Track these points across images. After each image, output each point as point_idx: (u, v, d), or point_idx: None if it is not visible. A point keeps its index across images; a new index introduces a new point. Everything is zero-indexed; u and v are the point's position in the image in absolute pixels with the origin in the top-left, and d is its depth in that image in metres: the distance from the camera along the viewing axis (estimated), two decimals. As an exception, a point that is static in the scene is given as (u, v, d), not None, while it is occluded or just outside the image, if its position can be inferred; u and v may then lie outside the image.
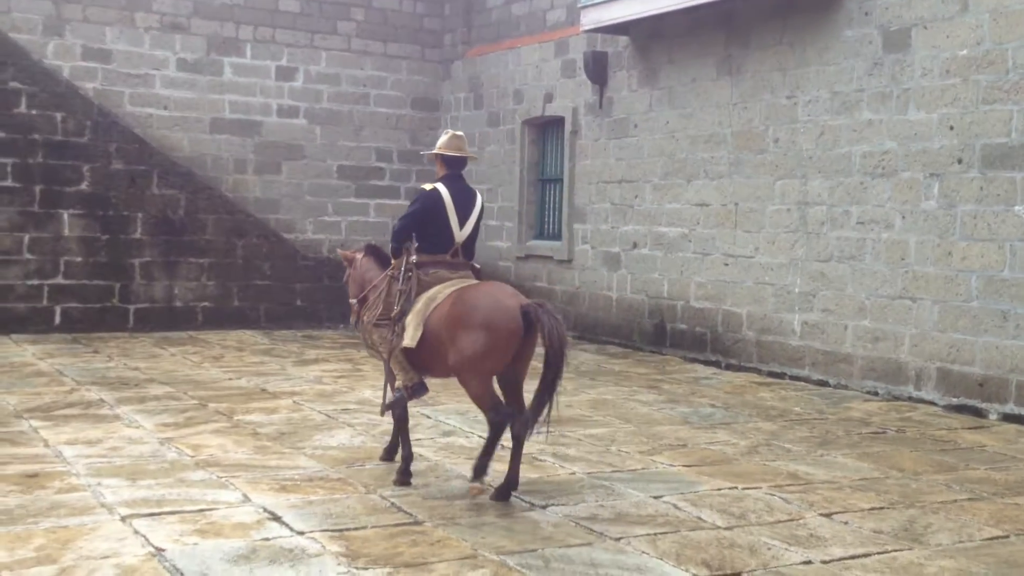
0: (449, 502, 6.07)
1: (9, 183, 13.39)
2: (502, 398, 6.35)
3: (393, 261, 6.66)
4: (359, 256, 7.15)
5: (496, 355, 6.11)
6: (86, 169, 13.76)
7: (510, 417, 6.20)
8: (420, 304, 6.34)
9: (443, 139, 6.78)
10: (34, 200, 13.50)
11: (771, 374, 11.43)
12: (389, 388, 6.63)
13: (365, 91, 16.81)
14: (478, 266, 6.90)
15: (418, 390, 6.55)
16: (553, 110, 14.92)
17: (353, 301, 7.06)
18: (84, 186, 13.77)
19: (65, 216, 13.67)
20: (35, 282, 13.33)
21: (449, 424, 8.35)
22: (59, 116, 13.72)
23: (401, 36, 17.10)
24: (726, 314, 12.14)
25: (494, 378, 6.34)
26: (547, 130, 15.45)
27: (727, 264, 12.14)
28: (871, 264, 10.46)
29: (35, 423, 7.86)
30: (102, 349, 11.99)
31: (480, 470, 6.28)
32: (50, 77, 13.81)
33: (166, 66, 15.34)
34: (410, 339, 6.27)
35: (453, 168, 6.70)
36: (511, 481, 6.20)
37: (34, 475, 6.35)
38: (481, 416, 7.22)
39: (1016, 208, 9.20)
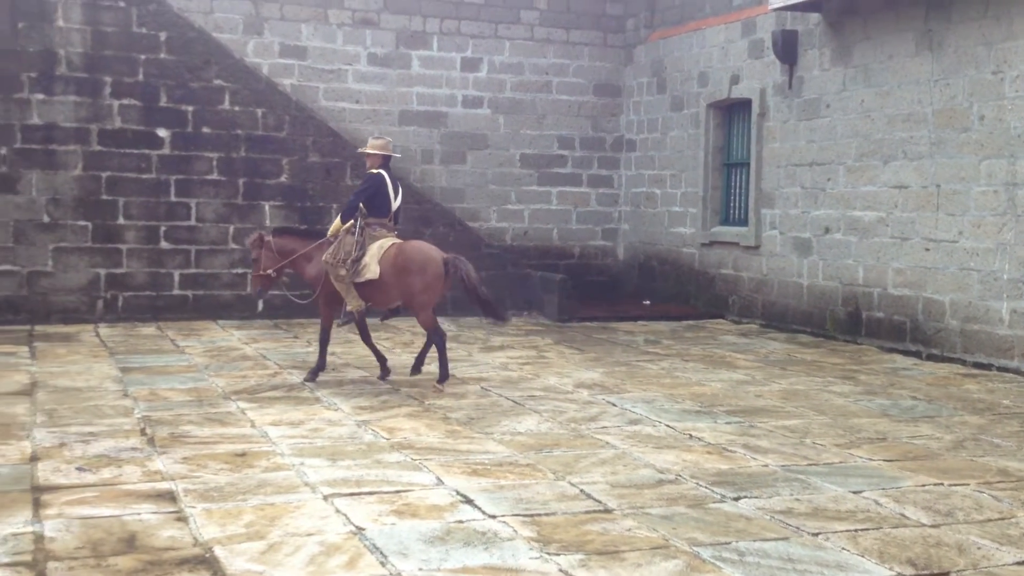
0: (638, 491, 6.03)
1: (215, 176, 14.15)
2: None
3: (341, 225, 9.14)
4: (270, 239, 9.48)
5: (432, 291, 8.98)
6: (285, 162, 14.39)
7: (444, 335, 9.17)
8: (373, 250, 9.05)
9: (379, 142, 9.41)
10: (238, 192, 14.23)
11: (977, 365, 10.80)
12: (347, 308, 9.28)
13: (547, 79, 16.88)
14: (399, 228, 9.57)
15: (351, 318, 9.32)
16: (739, 92, 14.56)
17: (271, 272, 9.46)
18: (283, 178, 14.41)
19: (266, 207, 14.34)
20: (240, 271, 14.06)
21: (636, 413, 8.29)
22: (260, 112, 14.39)
23: (583, 23, 17.06)
24: (927, 302, 11.55)
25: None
26: (733, 113, 15.10)
27: (928, 249, 11.54)
28: (1091, 248, 9.72)
29: (242, 404, 8.29)
30: (301, 335, 12.53)
31: (443, 376, 9.04)
32: (251, 74, 14.50)
33: (358, 61, 15.85)
34: (373, 273, 8.97)
35: (384, 162, 9.33)
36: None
37: (242, 454, 6.69)
38: (666, 405, 8.72)
39: None
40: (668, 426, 7.80)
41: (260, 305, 13.33)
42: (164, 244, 13.81)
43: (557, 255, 16.99)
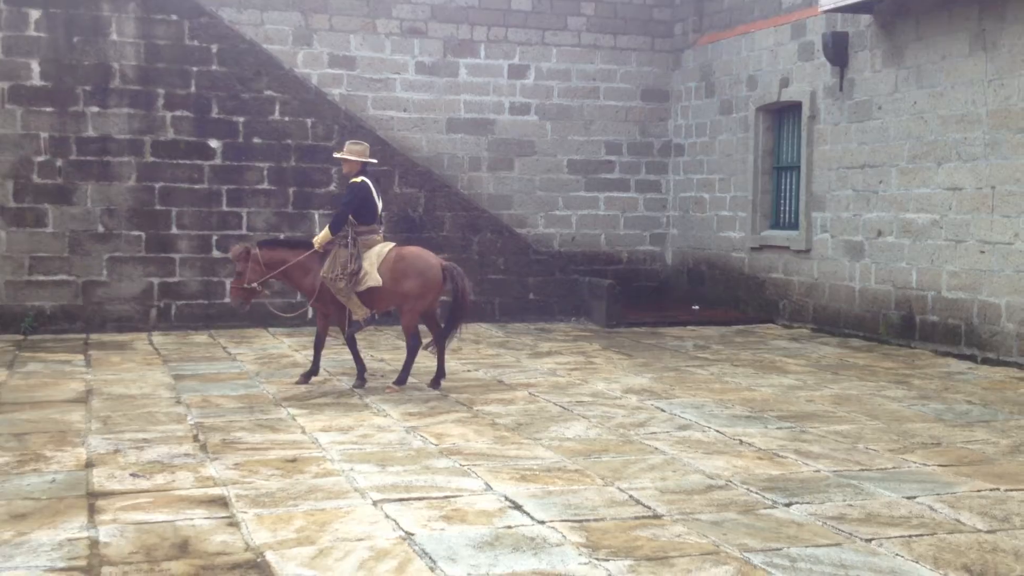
0: (687, 496, 5.99)
1: (266, 186, 14.33)
2: (424, 325, 9.53)
3: (328, 235, 9.21)
4: (256, 251, 9.42)
5: (426, 297, 9.21)
6: (334, 171, 14.50)
7: (420, 342, 9.33)
8: (372, 257, 9.17)
9: (358, 148, 9.44)
10: (288, 201, 14.38)
11: (1035, 369, 10.60)
12: (349, 320, 9.35)
13: (595, 85, 16.86)
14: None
15: (369, 321, 9.40)
16: (789, 95, 14.43)
17: (255, 285, 9.41)
18: (332, 187, 14.53)
19: (316, 216, 14.48)
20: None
21: (685, 418, 8.24)
22: (309, 122, 14.54)
23: (631, 28, 17.03)
24: (983, 305, 11.34)
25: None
26: (782, 116, 14.97)
27: (983, 252, 11.34)
28: None
29: (293, 411, 8.37)
30: (351, 341, 12.60)
31: (402, 380, 9.29)
32: (300, 85, 14.66)
33: (405, 70, 15.96)
34: (375, 280, 9.09)
35: (364, 167, 9.37)
36: (441, 373, 9.42)
37: (293, 460, 6.76)
38: (716, 410, 8.66)
39: None
40: (718, 431, 7.74)
41: (311, 312, 13.47)
42: (216, 253, 14.00)
43: (605, 260, 16.94)
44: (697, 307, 16.01)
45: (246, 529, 5.33)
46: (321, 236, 9.38)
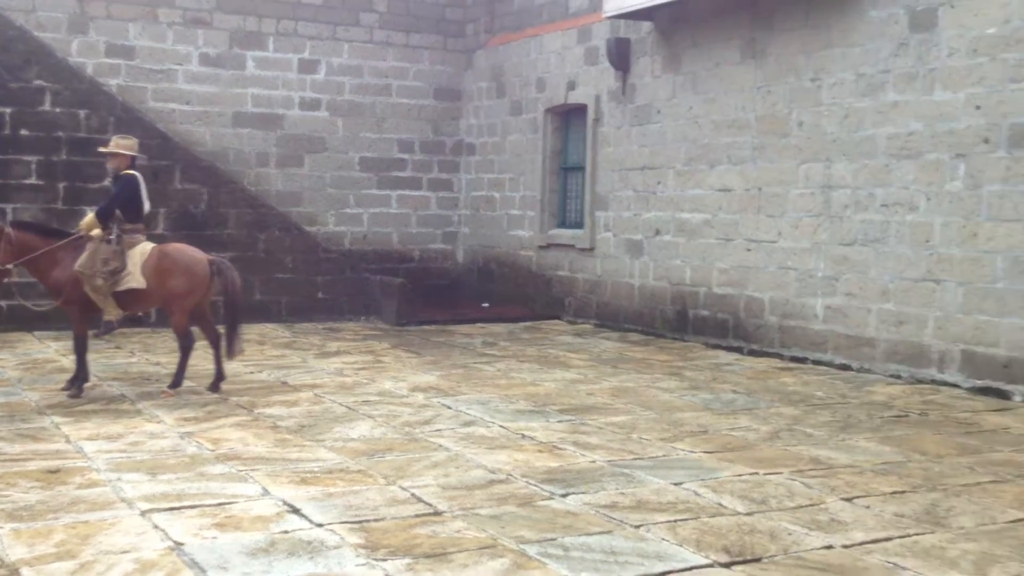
0: (469, 492, 6.05)
1: (34, 180, 13.49)
2: (194, 326, 9.13)
3: (94, 222, 8.75)
4: (10, 231, 8.74)
5: (195, 294, 8.85)
6: (110, 166, 13.82)
7: (193, 342, 9.02)
8: (135, 258, 8.71)
9: (126, 142, 9.07)
10: (58, 197, 13.59)
11: (794, 359, 11.33)
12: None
13: (387, 82, 16.81)
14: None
15: (109, 327, 9.51)
16: (576, 98, 14.84)
17: (10, 266, 8.77)
18: (107, 182, 13.77)
19: (89, 213, 13.73)
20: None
21: (470, 414, 8.34)
22: (83, 113, 13.80)
23: (423, 26, 17.06)
24: (748, 299, 12.04)
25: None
26: (570, 118, 15.38)
27: (750, 249, 12.03)
28: (895, 247, 10.33)
29: (57, 419, 7.91)
30: (124, 344, 12.07)
31: (177, 383, 8.96)
32: (74, 74, 13.89)
33: (189, 61, 15.41)
34: (138, 282, 8.65)
35: (132, 163, 9.02)
36: (220, 375, 9.06)
37: (55, 471, 6.39)
38: (501, 406, 8.72)
39: (1044, 187, 9.04)
40: (501, 427, 7.87)
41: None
42: (-22, 252, 13.05)
43: (397, 259, 16.92)
44: (487, 304, 16.24)
45: (0, 545, 5.00)
46: (88, 220, 8.82)
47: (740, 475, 6.54)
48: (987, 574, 4.88)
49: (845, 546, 5.22)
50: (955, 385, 9.71)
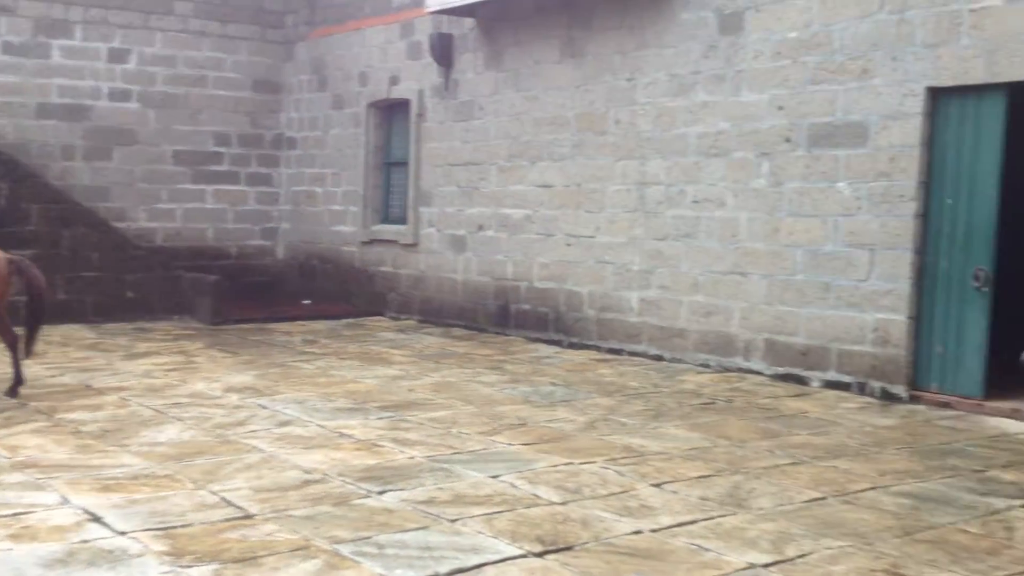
0: (282, 493, 5.92)
1: None
2: None
3: None
4: None
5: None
6: None
7: (17, 339, 8.59)
8: None
9: None
10: None
11: (611, 351, 11.63)
12: None
13: (203, 73, 16.27)
14: None
15: None
16: (399, 92, 14.75)
17: None
18: None
19: None
20: None
21: (287, 414, 8.16)
22: None
23: (241, 16, 16.60)
24: (568, 294, 12.27)
25: None
26: (393, 113, 15.27)
27: (569, 244, 12.26)
28: (704, 241, 10.73)
29: None
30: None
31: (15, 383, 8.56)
32: None
33: (-11, 49, 14.51)
34: None
35: None
36: (18, 380, 8.56)
37: None
38: (319, 405, 8.61)
39: (839, 184, 9.59)
40: (319, 426, 7.74)
41: None
42: None
43: (212, 256, 16.40)
44: (309, 301, 15.96)
45: None
46: None
47: (556, 466, 6.65)
48: (784, 551, 5.13)
49: (653, 530, 5.38)
50: (759, 373, 10.18)
